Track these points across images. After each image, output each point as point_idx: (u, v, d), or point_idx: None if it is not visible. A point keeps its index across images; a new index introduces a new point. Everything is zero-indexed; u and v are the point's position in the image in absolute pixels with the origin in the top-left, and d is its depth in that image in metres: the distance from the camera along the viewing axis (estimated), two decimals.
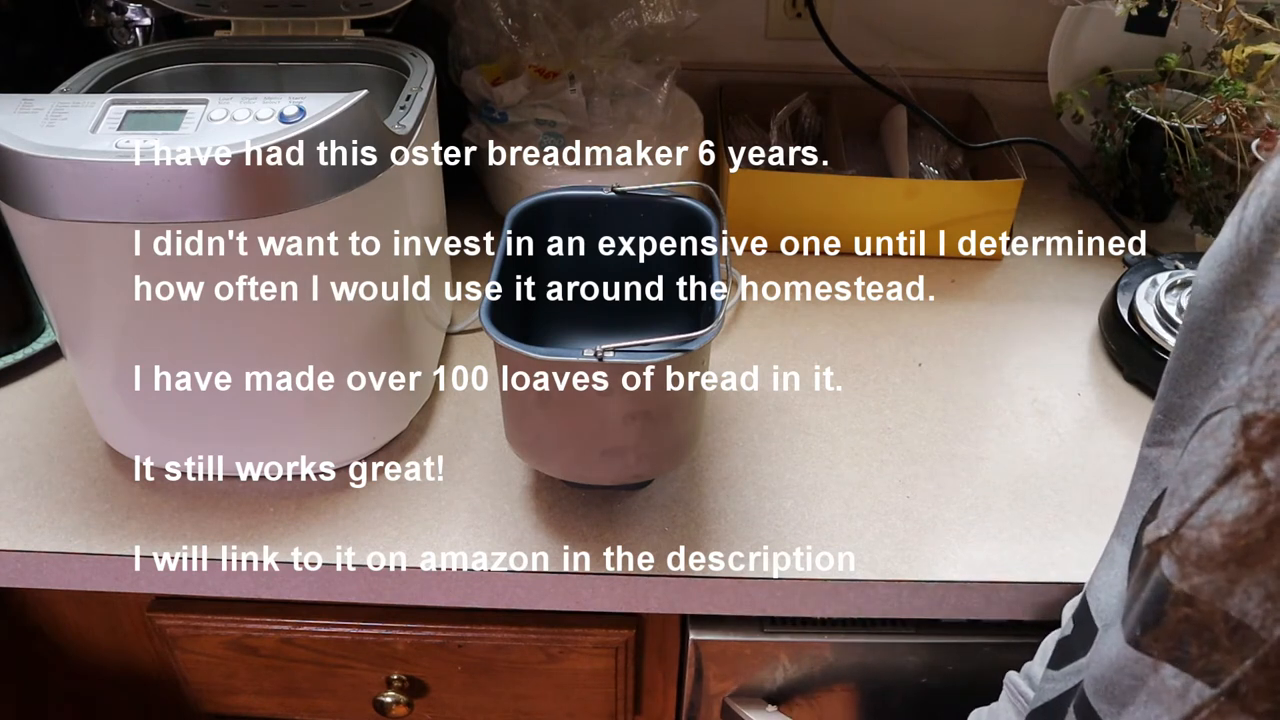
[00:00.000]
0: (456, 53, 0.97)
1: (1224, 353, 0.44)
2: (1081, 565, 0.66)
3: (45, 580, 0.68)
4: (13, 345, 0.82)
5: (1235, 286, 0.42)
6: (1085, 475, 0.74)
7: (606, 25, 0.96)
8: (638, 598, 0.67)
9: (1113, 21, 1.03)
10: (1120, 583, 0.50)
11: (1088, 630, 0.51)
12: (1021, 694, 0.58)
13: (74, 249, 0.59)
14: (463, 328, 0.87)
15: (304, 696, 0.79)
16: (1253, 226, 0.41)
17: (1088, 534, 0.69)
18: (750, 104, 1.10)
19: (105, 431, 0.72)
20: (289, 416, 0.68)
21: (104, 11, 0.91)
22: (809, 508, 0.70)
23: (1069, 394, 0.82)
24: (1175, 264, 0.88)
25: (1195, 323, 0.45)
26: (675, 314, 0.76)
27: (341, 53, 0.79)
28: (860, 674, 0.74)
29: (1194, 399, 0.46)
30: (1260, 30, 0.87)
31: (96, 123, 0.58)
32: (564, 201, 0.73)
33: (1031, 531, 0.69)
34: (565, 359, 0.58)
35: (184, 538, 0.67)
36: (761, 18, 1.09)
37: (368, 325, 0.67)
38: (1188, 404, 0.46)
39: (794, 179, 0.95)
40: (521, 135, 0.95)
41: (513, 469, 0.73)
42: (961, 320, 0.90)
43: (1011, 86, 1.11)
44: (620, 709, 0.79)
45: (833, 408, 0.79)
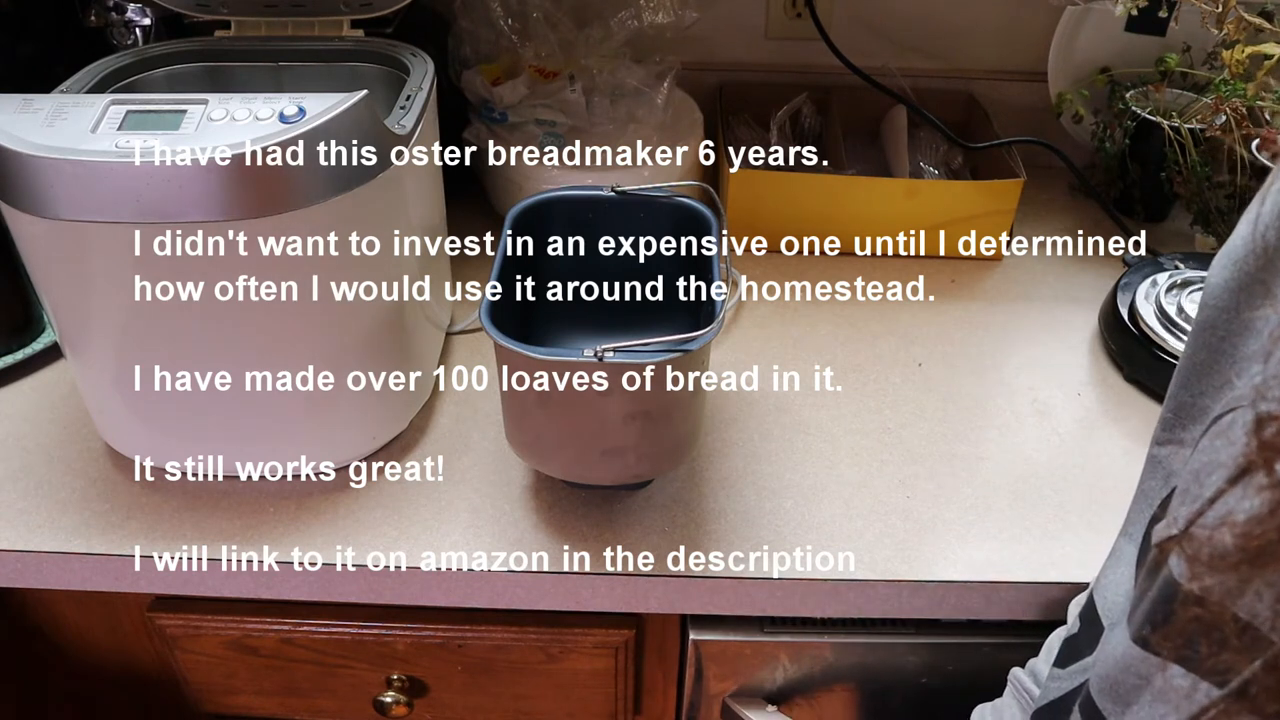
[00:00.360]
0: (456, 53, 0.97)
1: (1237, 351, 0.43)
2: (1082, 565, 0.66)
3: (45, 580, 0.68)
4: (13, 345, 0.82)
5: (1250, 285, 0.42)
6: (1085, 475, 0.74)
7: (606, 25, 0.96)
8: (638, 598, 0.67)
9: (1113, 21, 1.03)
10: (1127, 581, 0.50)
11: (1094, 629, 0.51)
12: (1026, 690, 0.58)
13: (74, 249, 0.59)
14: (463, 328, 0.87)
15: (304, 696, 0.79)
16: (1269, 224, 0.40)
17: (1088, 534, 0.69)
18: (750, 104, 1.10)
19: (105, 431, 0.72)
20: (289, 416, 0.68)
21: (104, 11, 0.91)
22: (809, 508, 0.70)
23: (1069, 394, 0.82)
24: (1175, 264, 0.88)
25: (1207, 321, 0.44)
26: (675, 314, 0.76)
27: (341, 53, 0.79)
28: (860, 674, 0.74)
29: (1205, 398, 0.45)
30: (1260, 30, 0.87)
31: (96, 123, 0.58)
32: (564, 201, 0.73)
33: (1031, 531, 0.69)
34: (565, 359, 0.58)
35: (184, 538, 0.67)
36: (761, 18, 1.09)
37: (368, 325, 0.67)
38: (1199, 403, 0.46)
39: (794, 179, 0.95)
40: (521, 135, 0.95)
41: (513, 469, 0.73)
42: (961, 320, 0.90)
43: (1011, 86, 1.11)
44: (620, 709, 0.79)
45: (833, 408, 0.79)
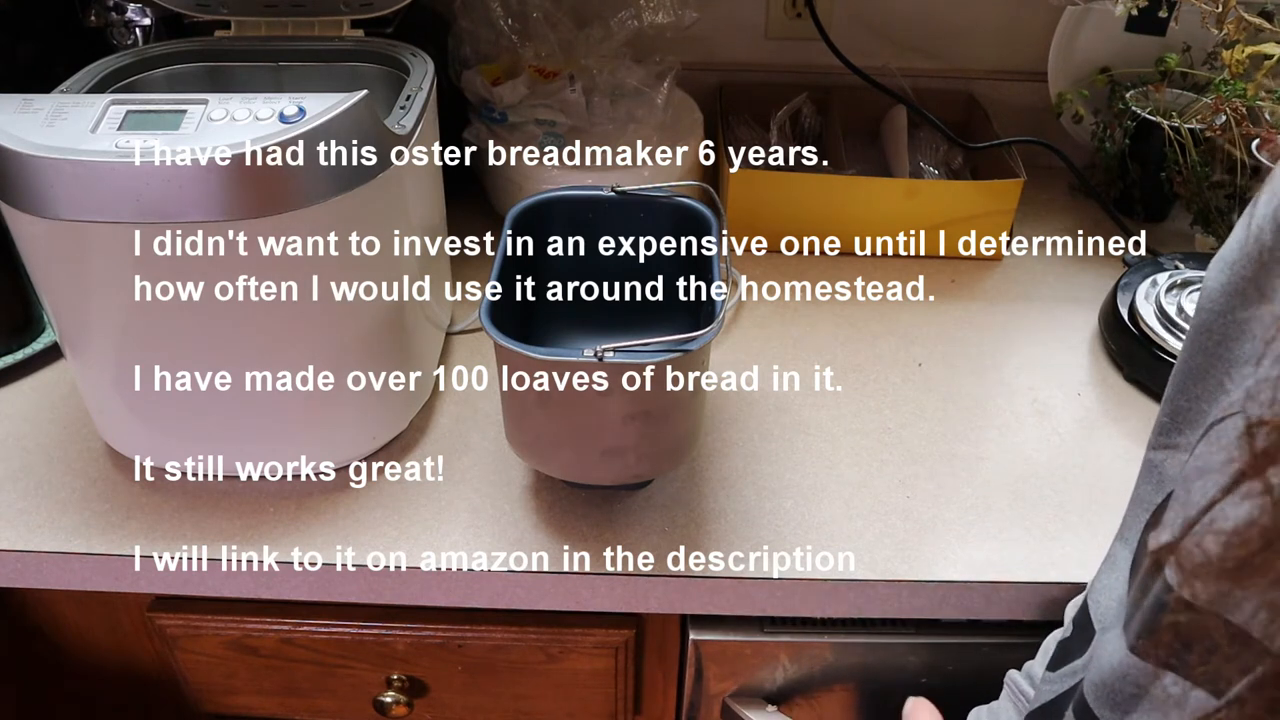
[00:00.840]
0: (456, 53, 0.97)
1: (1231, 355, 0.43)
2: (1082, 565, 0.66)
3: (45, 580, 0.68)
4: (13, 345, 0.82)
5: (1244, 288, 0.41)
6: (1085, 475, 0.74)
7: (606, 25, 0.96)
8: (638, 598, 0.67)
9: (1113, 21, 1.03)
10: (1121, 586, 0.49)
11: (1086, 633, 0.51)
12: (1022, 693, 0.58)
13: (74, 249, 0.59)
14: (463, 328, 0.87)
15: (304, 696, 0.79)
16: (1263, 226, 0.40)
17: (1088, 534, 0.69)
18: (750, 104, 1.10)
19: (105, 431, 0.72)
20: (289, 416, 0.68)
21: (104, 11, 0.91)
22: (809, 508, 0.70)
23: (1069, 394, 0.82)
24: (1175, 264, 0.88)
25: (1203, 325, 0.44)
26: (675, 314, 0.76)
27: (341, 53, 0.79)
28: (860, 674, 0.74)
29: (1201, 403, 0.45)
30: (1260, 30, 0.87)
31: (96, 123, 0.58)
32: (564, 201, 0.73)
33: (1031, 531, 0.69)
34: (565, 359, 0.58)
35: (184, 538, 0.67)
36: (761, 18, 1.09)
37: (368, 325, 0.67)
38: (1195, 407, 0.46)
39: (794, 179, 0.95)
40: (521, 135, 0.95)
41: (513, 469, 0.73)
42: (961, 320, 0.90)
43: (1011, 86, 1.11)
44: (620, 709, 0.79)
45: (833, 408, 0.79)
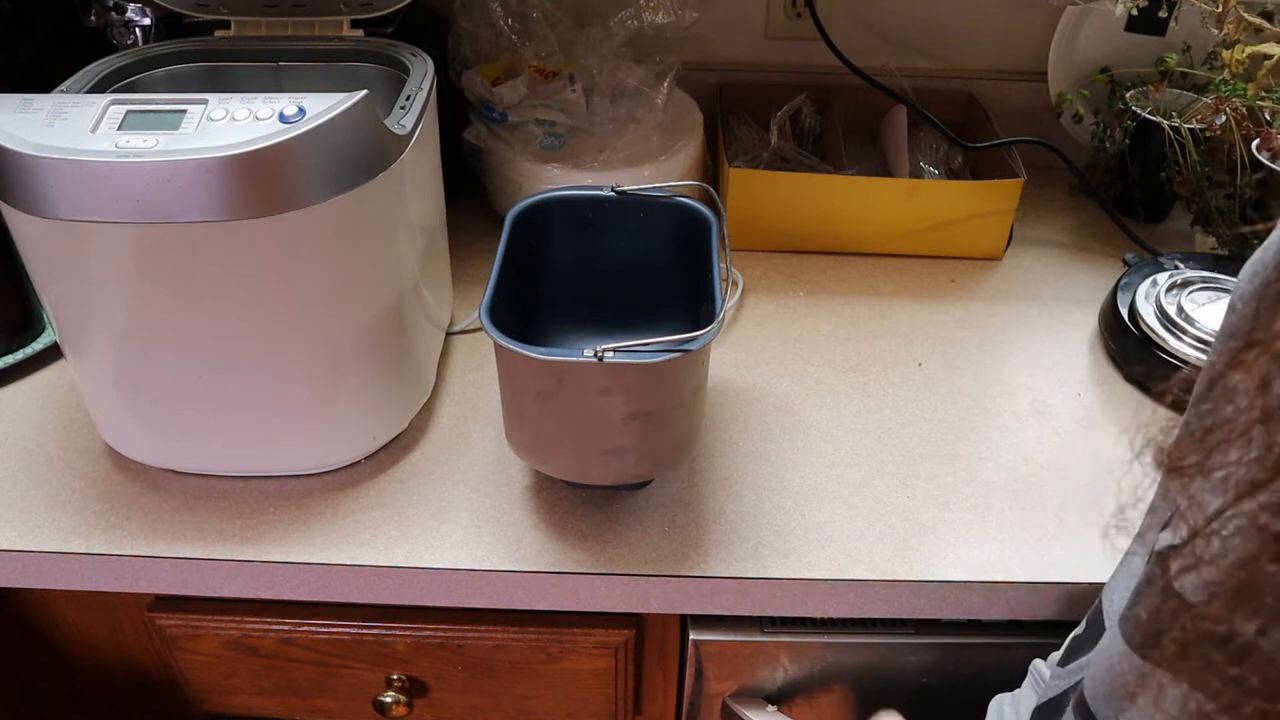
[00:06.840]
0: (456, 53, 0.97)
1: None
2: (1082, 565, 0.66)
3: (45, 580, 0.68)
4: (13, 345, 0.82)
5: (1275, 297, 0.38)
6: (1085, 475, 0.74)
7: (606, 25, 0.97)
8: (638, 598, 0.67)
9: (1113, 21, 1.03)
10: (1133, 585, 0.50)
11: (1097, 630, 0.51)
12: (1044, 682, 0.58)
13: (74, 249, 0.59)
14: (463, 328, 0.87)
15: (304, 696, 0.79)
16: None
17: (1088, 534, 0.69)
18: (750, 104, 1.09)
19: (105, 431, 0.72)
20: (289, 416, 0.68)
21: (104, 11, 0.91)
22: (809, 508, 0.70)
23: (1069, 394, 0.82)
24: (1175, 264, 0.88)
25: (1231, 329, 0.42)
26: (675, 314, 0.76)
27: (341, 53, 0.79)
28: (860, 674, 0.74)
29: None
30: (1260, 30, 0.87)
31: (96, 123, 0.58)
32: (564, 201, 0.73)
33: (1031, 531, 0.69)
34: (565, 359, 0.58)
35: (184, 538, 0.67)
36: (761, 18, 1.09)
37: (368, 325, 0.67)
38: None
39: (794, 179, 0.95)
40: (521, 135, 0.95)
41: (513, 469, 0.73)
42: (961, 320, 0.90)
43: (1011, 86, 1.11)
44: (620, 709, 0.79)
45: (833, 408, 0.79)
